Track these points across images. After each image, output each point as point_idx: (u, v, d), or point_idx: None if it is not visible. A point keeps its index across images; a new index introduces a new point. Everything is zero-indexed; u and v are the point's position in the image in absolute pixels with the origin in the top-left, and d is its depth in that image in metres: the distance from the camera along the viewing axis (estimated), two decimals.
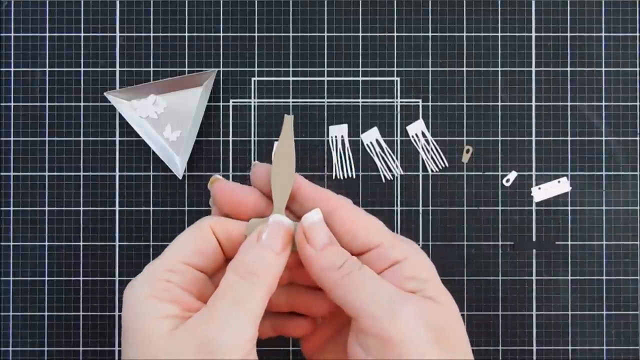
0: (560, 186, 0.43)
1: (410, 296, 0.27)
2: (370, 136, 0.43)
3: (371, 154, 0.43)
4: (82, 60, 0.43)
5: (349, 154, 0.43)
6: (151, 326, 0.25)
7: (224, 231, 0.28)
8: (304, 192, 0.29)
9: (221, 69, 0.43)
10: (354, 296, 0.27)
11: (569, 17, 0.44)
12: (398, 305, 0.26)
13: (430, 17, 0.44)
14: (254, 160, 0.43)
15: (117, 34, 0.44)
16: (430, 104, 0.44)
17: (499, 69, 0.44)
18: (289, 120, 0.30)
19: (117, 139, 0.43)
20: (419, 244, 0.43)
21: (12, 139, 0.43)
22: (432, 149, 0.43)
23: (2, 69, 0.43)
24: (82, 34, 0.44)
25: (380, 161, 0.43)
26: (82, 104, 0.43)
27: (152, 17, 0.44)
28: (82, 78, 0.43)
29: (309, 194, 0.29)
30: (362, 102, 0.44)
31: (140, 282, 0.26)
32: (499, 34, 0.44)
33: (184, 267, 0.27)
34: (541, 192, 0.43)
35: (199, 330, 0.25)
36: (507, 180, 0.42)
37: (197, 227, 0.28)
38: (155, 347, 0.24)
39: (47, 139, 0.43)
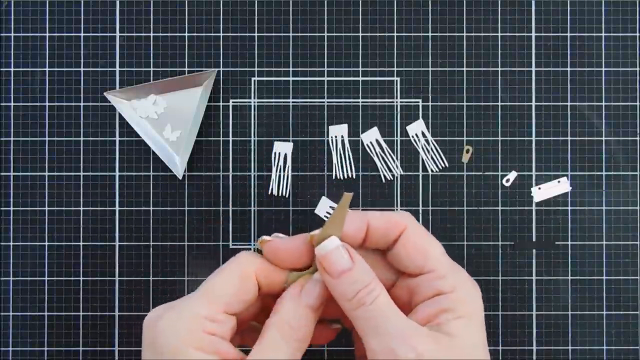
0: (560, 186, 0.43)
1: (419, 333, 0.27)
2: (370, 136, 0.43)
3: (371, 154, 0.43)
4: (82, 60, 0.44)
5: (349, 154, 0.43)
6: None
7: (267, 279, 0.29)
8: (373, 226, 0.30)
9: (221, 69, 0.43)
10: (363, 328, 0.27)
11: (569, 17, 0.44)
12: (400, 345, 0.26)
13: (430, 17, 0.44)
14: (254, 160, 0.43)
15: (117, 34, 0.44)
16: (430, 104, 0.44)
17: (499, 69, 0.44)
18: (348, 197, 0.30)
19: (117, 139, 0.43)
20: None
21: (12, 139, 0.43)
22: (432, 149, 0.43)
23: (2, 69, 0.43)
24: (82, 34, 0.44)
25: (380, 161, 0.43)
26: (82, 104, 0.43)
27: (152, 17, 0.44)
28: (82, 78, 0.43)
29: (379, 226, 0.30)
30: (362, 102, 0.44)
31: (181, 327, 0.26)
32: (499, 34, 0.44)
33: (225, 317, 0.27)
34: (541, 192, 0.43)
35: None
36: (507, 180, 0.42)
37: (242, 274, 0.28)
38: None
39: (47, 139, 0.43)
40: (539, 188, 0.43)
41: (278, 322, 0.27)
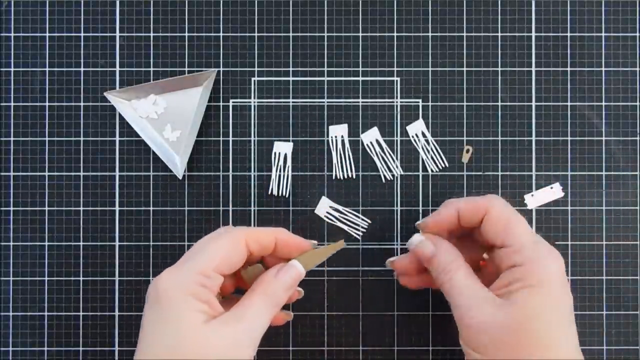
0: (553, 192, 0.43)
1: (483, 302, 0.33)
2: (370, 136, 0.43)
3: (371, 154, 0.43)
4: (82, 60, 0.44)
5: (349, 154, 0.43)
6: (189, 316, 0.31)
7: (257, 244, 0.34)
8: (462, 210, 0.36)
9: (221, 69, 0.43)
10: (448, 300, 0.35)
11: (569, 17, 0.44)
12: (464, 314, 0.33)
13: (430, 17, 0.44)
14: (254, 160, 0.43)
15: (117, 34, 0.44)
16: (430, 104, 0.44)
17: (499, 69, 0.44)
18: (341, 244, 0.37)
19: (117, 139, 0.43)
20: None
21: (12, 139, 0.43)
22: (432, 149, 0.43)
23: (2, 69, 0.43)
24: (82, 34, 0.44)
25: (380, 161, 0.43)
26: (82, 104, 0.43)
27: (152, 17, 0.44)
28: (82, 78, 0.43)
29: (467, 209, 0.36)
30: (362, 102, 0.44)
31: (179, 280, 0.31)
32: (499, 34, 0.44)
33: (215, 275, 0.32)
34: (534, 199, 0.43)
35: (229, 327, 0.31)
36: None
37: (234, 240, 0.33)
38: (191, 333, 0.30)
39: (47, 139, 0.43)
40: (532, 195, 0.43)
41: (258, 290, 0.34)
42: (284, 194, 0.43)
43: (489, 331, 0.32)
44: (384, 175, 0.43)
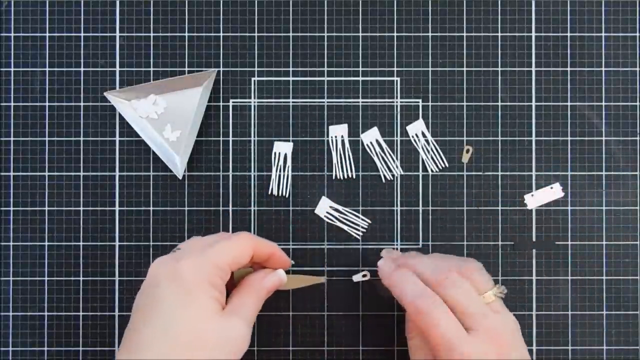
0: (553, 192, 0.43)
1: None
2: (370, 136, 0.43)
3: (371, 154, 0.43)
4: (82, 60, 0.43)
5: (349, 154, 0.43)
6: (210, 304, 0.33)
7: (257, 252, 0.37)
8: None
9: (221, 69, 0.43)
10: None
11: (569, 17, 0.44)
12: None
13: (430, 17, 0.44)
14: (254, 160, 0.43)
15: (117, 34, 0.44)
16: (430, 104, 0.44)
17: (499, 69, 0.44)
18: (322, 280, 0.41)
19: (117, 139, 0.43)
20: (418, 244, 0.43)
21: (12, 139, 0.43)
22: (432, 149, 0.43)
23: (2, 69, 0.43)
24: (82, 34, 0.44)
25: (380, 161, 0.43)
26: (82, 104, 0.43)
27: (152, 17, 0.44)
28: (82, 78, 0.43)
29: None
30: (362, 102, 0.44)
31: (203, 268, 0.33)
32: (499, 34, 0.44)
33: (227, 269, 0.35)
34: (534, 199, 0.43)
35: (240, 318, 0.34)
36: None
37: (245, 245, 0.36)
38: (211, 320, 0.33)
39: (47, 139, 0.43)
40: (532, 195, 0.43)
41: (248, 287, 0.37)
42: (284, 194, 0.43)
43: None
44: (384, 175, 0.43)
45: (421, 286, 0.36)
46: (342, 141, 0.43)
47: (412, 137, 0.44)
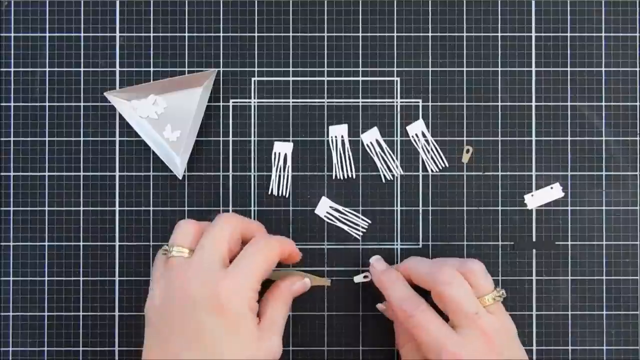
0: (553, 192, 0.43)
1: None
2: (370, 136, 0.43)
3: (371, 154, 0.43)
4: (82, 60, 0.44)
5: (349, 154, 0.43)
6: (250, 330, 0.34)
7: (283, 254, 0.38)
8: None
9: (221, 69, 0.43)
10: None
11: (569, 17, 0.44)
12: None
13: (430, 17, 0.44)
14: (254, 160, 0.43)
15: (117, 34, 0.44)
16: (430, 104, 0.44)
17: (499, 69, 0.44)
18: (327, 282, 0.42)
19: (117, 139, 0.43)
20: (418, 244, 0.43)
21: (12, 139, 0.43)
22: (432, 149, 0.43)
23: (2, 69, 0.43)
24: (82, 34, 0.44)
25: (380, 161, 0.43)
26: (82, 104, 0.43)
27: (152, 17, 0.44)
28: (82, 78, 0.43)
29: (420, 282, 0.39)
30: (362, 102, 0.44)
31: (238, 294, 0.34)
32: (499, 34, 0.44)
33: (260, 285, 0.36)
34: (534, 199, 0.43)
35: (273, 333, 0.36)
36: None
37: (276, 255, 0.37)
38: (251, 342, 0.34)
39: (47, 139, 0.43)
40: (532, 195, 0.43)
41: (279, 298, 0.38)
42: (284, 194, 0.43)
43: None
44: (384, 175, 0.43)
45: (407, 289, 0.38)
46: (342, 141, 0.43)
47: (412, 137, 0.44)
